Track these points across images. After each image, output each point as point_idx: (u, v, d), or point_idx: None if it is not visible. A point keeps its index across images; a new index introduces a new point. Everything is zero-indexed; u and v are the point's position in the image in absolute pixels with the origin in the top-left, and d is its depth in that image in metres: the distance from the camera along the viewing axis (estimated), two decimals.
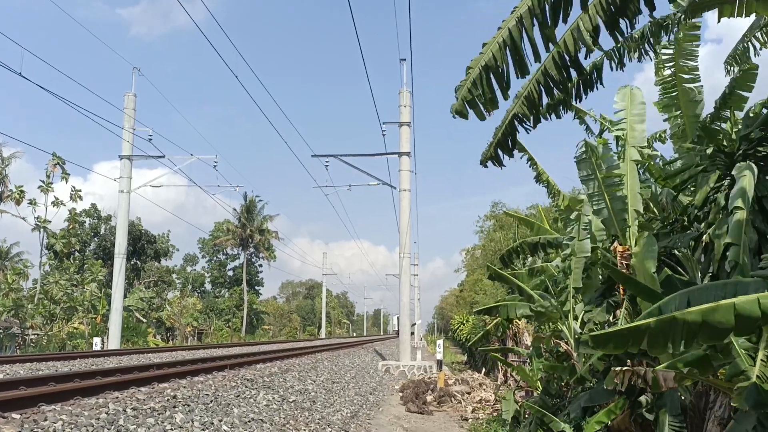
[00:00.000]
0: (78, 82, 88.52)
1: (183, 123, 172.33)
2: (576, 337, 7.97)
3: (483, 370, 21.05)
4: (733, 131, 5.92)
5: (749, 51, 7.42)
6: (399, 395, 15.73)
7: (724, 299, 3.10)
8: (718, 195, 5.46)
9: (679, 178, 6.67)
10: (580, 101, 5.60)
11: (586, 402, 6.49)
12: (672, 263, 6.55)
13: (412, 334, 29.03)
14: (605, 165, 7.09)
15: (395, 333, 57.41)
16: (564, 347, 8.75)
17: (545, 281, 9.83)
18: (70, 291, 37.77)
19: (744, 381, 3.75)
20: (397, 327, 33.12)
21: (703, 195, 5.73)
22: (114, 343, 27.46)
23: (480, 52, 4.56)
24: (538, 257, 10.84)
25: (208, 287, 76.47)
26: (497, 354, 12.85)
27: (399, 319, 26.94)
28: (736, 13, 4.69)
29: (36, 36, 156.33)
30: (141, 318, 45.24)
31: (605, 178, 6.98)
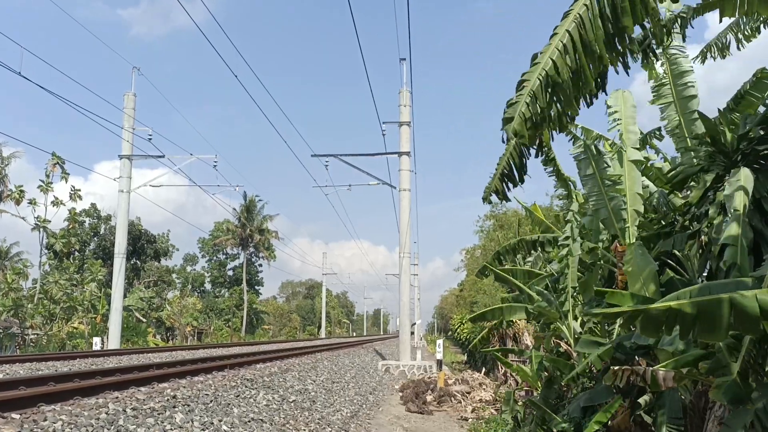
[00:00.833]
0: (78, 82, 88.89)
1: (183, 123, 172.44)
2: (576, 337, 7.98)
3: (483, 369, 21.02)
4: (729, 130, 5.90)
5: (730, 43, 7.50)
6: (399, 395, 15.72)
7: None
8: (716, 194, 5.45)
9: (681, 175, 6.65)
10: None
11: (585, 402, 6.47)
12: (672, 263, 6.55)
13: (412, 333, 29.01)
14: (603, 165, 7.11)
15: (397, 333, 57.62)
16: (564, 347, 8.75)
17: (545, 280, 9.82)
18: (69, 291, 37.75)
19: (724, 377, 3.81)
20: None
21: (700, 194, 5.72)
22: (114, 343, 27.47)
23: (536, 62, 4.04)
24: (540, 257, 10.82)
25: (207, 287, 76.42)
26: (497, 353, 12.83)
27: (399, 320, 26.99)
28: (737, 13, 4.67)
29: (36, 36, 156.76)
30: (141, 318, 45.24)
31: (604, 178, 6.99)
